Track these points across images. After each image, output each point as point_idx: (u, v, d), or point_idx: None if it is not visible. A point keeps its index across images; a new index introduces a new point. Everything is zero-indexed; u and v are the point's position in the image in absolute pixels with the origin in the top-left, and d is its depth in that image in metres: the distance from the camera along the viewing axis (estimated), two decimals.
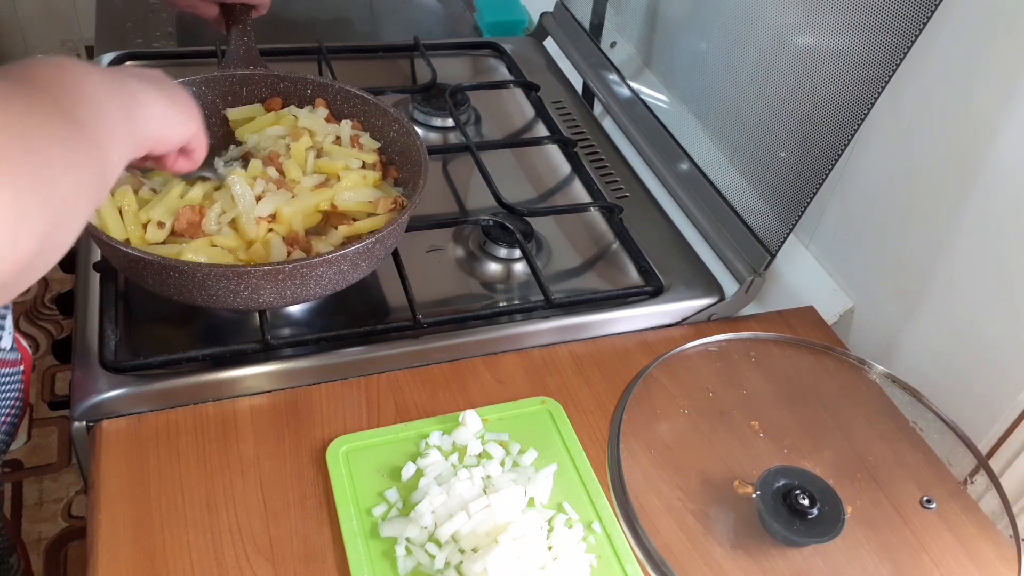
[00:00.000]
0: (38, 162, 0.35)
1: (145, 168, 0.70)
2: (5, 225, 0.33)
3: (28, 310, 1.86)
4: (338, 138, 0.79)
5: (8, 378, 0.66)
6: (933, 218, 0.76)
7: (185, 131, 0.56)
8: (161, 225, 0.67)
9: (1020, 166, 0.67)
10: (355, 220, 0.73)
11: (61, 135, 0.38)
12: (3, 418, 0.67)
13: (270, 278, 0.63)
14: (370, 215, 0.74)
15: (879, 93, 0.69)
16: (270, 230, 0.70)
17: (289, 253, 0.68)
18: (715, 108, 0.95)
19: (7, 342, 0.66)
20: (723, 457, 0.68)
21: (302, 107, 0.82)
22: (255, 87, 0.83)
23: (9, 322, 0.65)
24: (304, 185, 0.74)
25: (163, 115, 0.52)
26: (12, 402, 0.67)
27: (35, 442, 1.65)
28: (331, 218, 0.73)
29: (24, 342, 0.69)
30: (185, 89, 0.58)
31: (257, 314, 0.70)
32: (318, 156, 0.77)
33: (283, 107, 0.82)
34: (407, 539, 0.59)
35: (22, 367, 0.67)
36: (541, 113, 1.06)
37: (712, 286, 0.83)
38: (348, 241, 0.71)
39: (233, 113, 0.80)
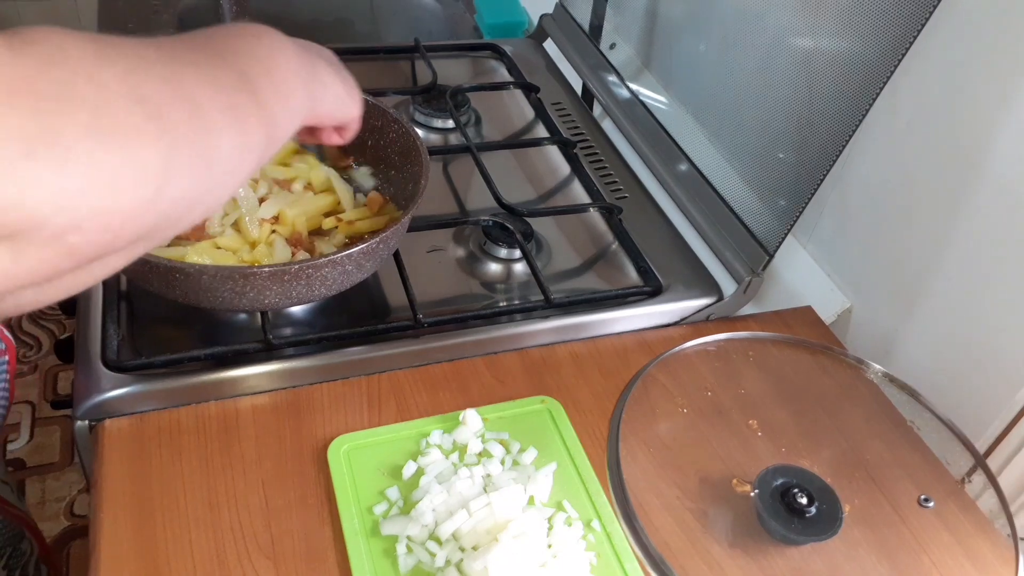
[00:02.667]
0: (199, 123, 0.36)
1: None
2: (150, 176, 0.32)
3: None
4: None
5: None
6: (931, 218, 0.76)
7: (350, 113, 0.59)
8: None
9: (1018, 166, 0.68)
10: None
11: (232, 102, 0.39)
12: None
13: (276, 279, 0.64)
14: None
15: (877, 94, 0.69)
16: (273, 231, 0.70)
17: (293, 254, 0.69)
18: (714, 109, 0.95)
19: None
20: (721, 456, 0.68)
21: None
22: None
23: None
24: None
25: (337, 98, 0.55)
26: None
27: (37, 441, 1.65)
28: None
29: (7, 332, 0.69)
30: (354, 79, 0.61)
31: (259, 314, 0.71)
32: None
33: None
34: (408, 537, 0.59)
35: (6, 357, 0.67)
36: (541, 114, 1.06)
37: (710, 286, 0.84)
38: (351, 242, 0.71)
39: None
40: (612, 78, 1.09)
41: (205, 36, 0.41)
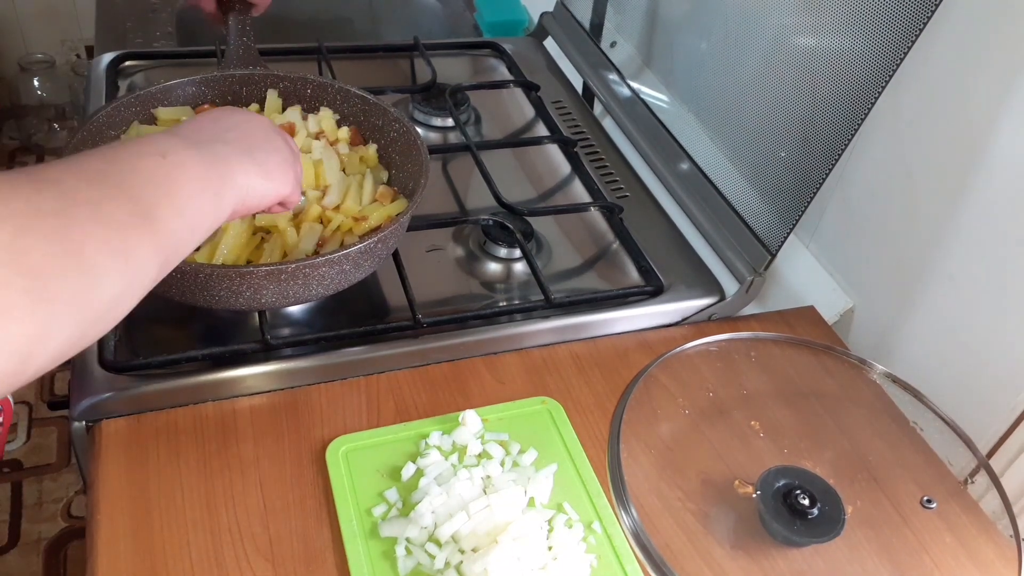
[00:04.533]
0: (84, 279, 0.37)
1: None
2: (19, 349, 0.34)
3: None
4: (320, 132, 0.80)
5: None
6: (933, 218, 0.76)
7: (276, 197, 0.58)
8: None
9: (1020, 166, 0.67)
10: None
11: (124, 244, 0.40)
12: None
13: (272, 278, 0.63)
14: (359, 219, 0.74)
15: (879, 93, 0.69)
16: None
17: (320, 246, 0.69)
18: (715, 108, 0.95)
19: None
20: (723, 457, 0.68)
21: (301, 106, 0.83)
22: (255, 87, 0.83)
23: None
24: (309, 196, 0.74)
25: (256, 191, 0.55)
26: None
27: (35, 442, 1.65)
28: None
29: (9, 396, 0.69)
30: (281, 141, 0.60)
31: (257, 314, 0.70)
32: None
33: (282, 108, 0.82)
34: (407, 539, 0.59)
35: (0, 419, 0.68)
36: (541, 113, 1.06)
37: (712, 286, 0.83)
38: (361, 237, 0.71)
39: (162, 113, 0.79)
40: (613, 76, 1.08)
41: (105, 161, 0.42)
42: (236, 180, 0.53)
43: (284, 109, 0.82)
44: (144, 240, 0.42)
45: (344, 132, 0.80)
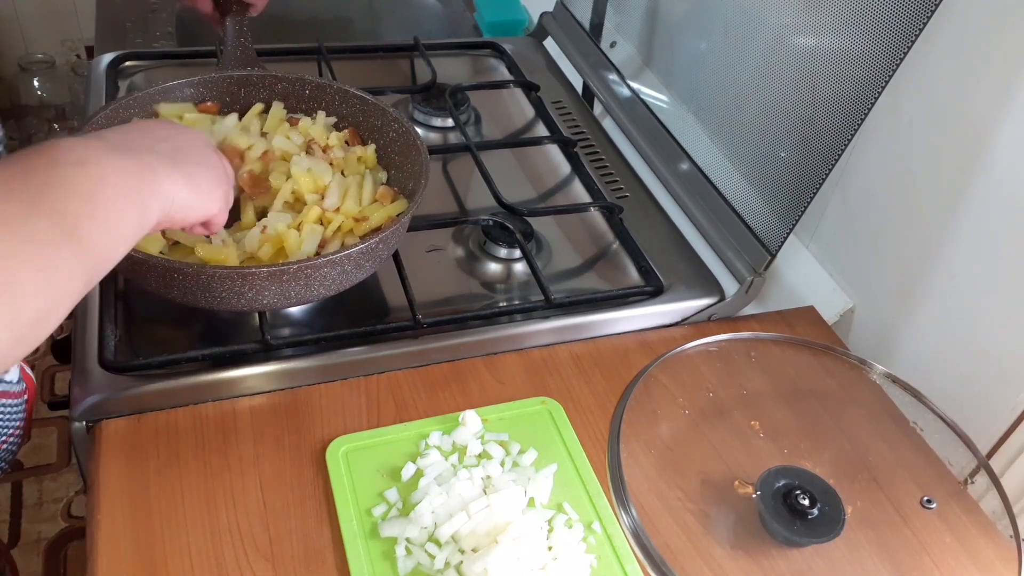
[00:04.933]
0: (9, 301, 0.37)
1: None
2: None
3: None
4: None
5: (12, 408, 0.67)
6: (933, 218, 0.76)
7: (202, 215, 0.56)
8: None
9: (1020, 166, 0.67)
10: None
11: (47, 260, 0.39)
12: (2, 444, 0.67)
13: (274, 279, 0.63)
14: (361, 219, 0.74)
15: (879, 93, 0.69)
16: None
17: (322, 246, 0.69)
18: (715, 108, 0.95)
19: (14, 374, 0.66)
20: (723, 457, 0.68)
21: (300, 107, 0.83)
22: (253, 88, 0.82)
23: None
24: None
25: (183, 204, 0.53)
26: (13, 430, 0.68)
27: (35, 442, 1.65)
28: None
29: (30, 371, 0.69)
30: (216, 160, 0.59)
31: (257, 314, 0.70)
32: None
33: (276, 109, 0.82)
34: (407, 539, 0.59)
35: (26, 396, 0.68)
36: (541, 113, 1.06)
37: (712, 286, 0.83)
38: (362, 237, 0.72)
39: (163, 108, 0.79)
40: (613, 76, 1.08)
41: (22, 171, 0.41)
42: (162, 189, 0.51)
43: (286, 111, 0.82)
44: (69, 257, 0.41)
45: (336, 137, 0.80)
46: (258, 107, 0.82)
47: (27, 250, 0.38)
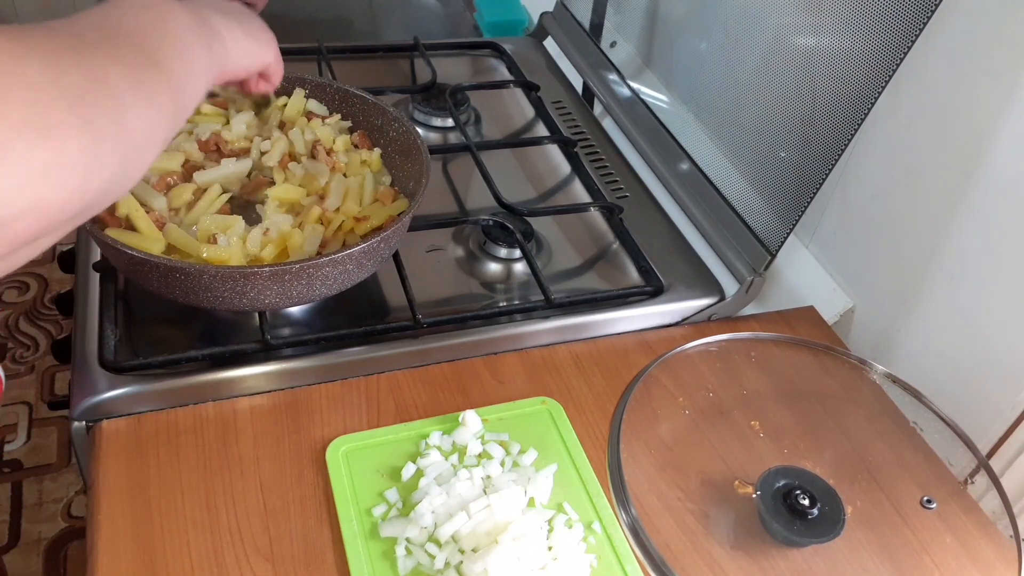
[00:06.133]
0: (115, 106, 0.37)
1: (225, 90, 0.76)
2: (79, 167, 0.34)
3: (28, 310, 1.86)
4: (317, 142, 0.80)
5: None
6: (933, 218, 0.76)
7: (262, 61, 0.59)
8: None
9: (1020, 165, 0.67)
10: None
11: (139, 77, 0.39)
12: None
13: (276, 279, 0.63)
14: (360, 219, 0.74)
15: (879, 93, 0.69)
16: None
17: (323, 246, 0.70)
18: (715, 108, 0.95)
19: None
20: (723, 457, 0.68)
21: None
22: None
23: None
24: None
25: (241, 48, 0.56)
26: None
27: (35, 442, 1.65)
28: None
29: (1, 373, 0.69)
30: (263, 23, 0.61)
31: (257, 314, 0.70)
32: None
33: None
34: (407, 539, 0.59)
35: None
36: (541, 113, 1.06)
37: (712, 286, 0.83)
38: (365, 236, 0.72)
39: None
40: (613, 76, 1.08)
41: (98, 15, 0.41)
42: (221, 34, 0.52)
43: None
44: (157, 79, 0.41)
45: (341, 142, 0.80)
46: (282, 99, 0.82)
47: (123, 69, 0.38)
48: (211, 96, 0.80)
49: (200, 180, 0.73)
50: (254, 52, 0.58)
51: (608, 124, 1.08)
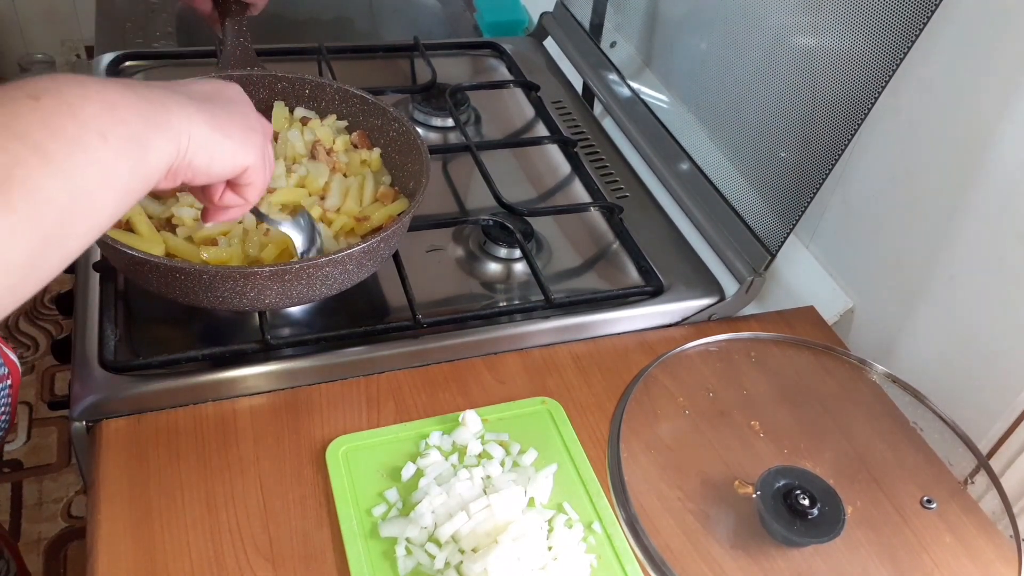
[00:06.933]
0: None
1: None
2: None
3: (28, 310, 1.86)
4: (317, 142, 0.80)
5: None
6: (934, 218, 0.76)
7: (232, 162, 0.47)
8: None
9: (1020, 166, 0.67)
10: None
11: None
12: None
13: (276, 279, 0.63)
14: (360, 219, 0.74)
15: (879, 93, 0.69)
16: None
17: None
18: (715, 108, 0.95)
19: None
20: (723, 457, 0.68)
21: (301, 106, 0.83)
22: (253, 88, 0.82)
23: None
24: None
25: (203, 142, 0.44)
26: None
27: (35, 442, 1.65)
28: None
29: (13, 356, 0.69)
30: (252, 109, 0.52)
31: (257, 314, 0.70)
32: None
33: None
34: (407, 539, 0.59)
35: (9, 381, 0.67)
36: (541, 113, 1.06)
37: (712, 286, 0.83)
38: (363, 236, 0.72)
39: None
40: (613, 76, 1.08)
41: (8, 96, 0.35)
42: (172, 124, 0.42)
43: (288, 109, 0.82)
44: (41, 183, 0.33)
45: (341, 142, 0.80)
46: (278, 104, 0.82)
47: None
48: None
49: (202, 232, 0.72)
50: (221, 151, 0.45)
51: (608, 124, 1.08)
